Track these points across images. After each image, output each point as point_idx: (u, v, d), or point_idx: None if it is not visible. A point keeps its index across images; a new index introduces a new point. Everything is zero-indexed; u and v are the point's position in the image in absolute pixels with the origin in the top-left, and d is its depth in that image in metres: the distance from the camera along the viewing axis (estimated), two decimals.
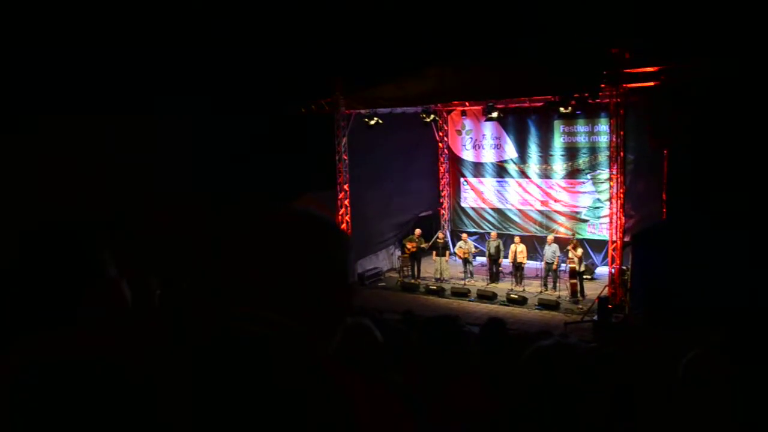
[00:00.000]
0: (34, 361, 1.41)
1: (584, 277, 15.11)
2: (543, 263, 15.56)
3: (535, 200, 18.22)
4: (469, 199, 19.60)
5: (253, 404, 1.06)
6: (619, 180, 13.75)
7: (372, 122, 15.81)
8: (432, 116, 16.62)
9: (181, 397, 1.10)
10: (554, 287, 15.27)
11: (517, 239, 16.20)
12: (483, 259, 17.28)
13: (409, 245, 16.94)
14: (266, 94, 17.39)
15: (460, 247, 16.75)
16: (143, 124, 16.13)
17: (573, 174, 17.46)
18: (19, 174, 13.54)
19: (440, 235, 17.36)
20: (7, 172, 13.37)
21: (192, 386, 1.10)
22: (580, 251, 14.84)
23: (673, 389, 2.66)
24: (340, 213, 16.45)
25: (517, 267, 15.78)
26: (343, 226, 16.33)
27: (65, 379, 1.37)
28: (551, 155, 17.73)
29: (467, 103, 17.55)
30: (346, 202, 16.53)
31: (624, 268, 13.73)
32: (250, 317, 1.16)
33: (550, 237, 15.74)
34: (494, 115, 15.29)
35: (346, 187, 16.55)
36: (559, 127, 17.46)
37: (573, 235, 16.15)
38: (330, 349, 1.21)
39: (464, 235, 17.35)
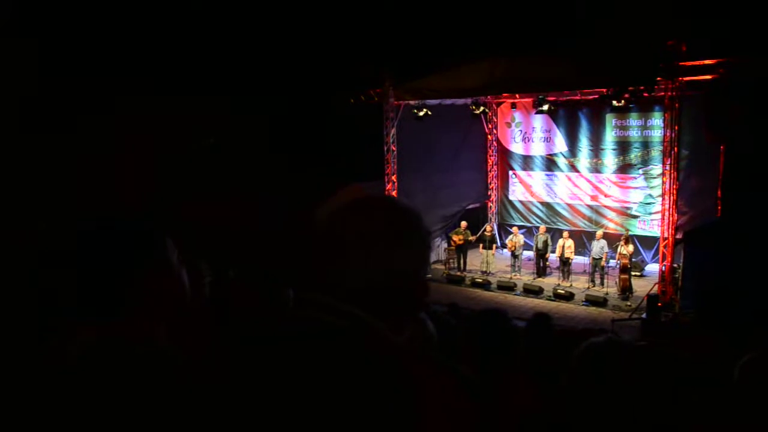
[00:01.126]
0: (95, 346, 1.46)
1: (632, 273, 14.84)
2: (590, 259, 15.34)
3: (584, 195, 17.95)
4: (517, 192, 19.42)
5: (324, 393, 1.07)
6: (672, 175, 13.43)
7: (421, 113, 15.77)
8: (481, 108, 16.49)
9: (247, 385, 1.13)
10: (602, 283, 15.04)
11: (565, 234, 16.02)
12: (530, 254, 17.14)
13: (455, 237, 16.89)
14: (316, 83, 17.52)
15: (511, 240, 16.64)
16: (187, 112, 16.41)
17: (624, 169, 17.13)
18: (61, 170, 13.95)
19: (488, 228, 17.26)
20: (51, 169, 13.79)
21: (259, 375, 1.12)
22: (631, 247, 14.59)
23: (728, 392, 2.60)
24: None
25: (564, 262, 15.59)
26: None
27: (124, 366, 1.41)
28: (602, 149, 17.43)
29: (517, 96, 17.35)
30: (394, 192, 16.55)
31: (675, 265, 13.43)
32: (322, 306, 1.17)
33: (599, 232, 15.50)
34: (545, 107, 15.07)
35: (393, 177, 16.58)
36: (611, 121, 17.14)
37: (626, 231, 15.87)
38: (401, 342, 1.21)
39: (515, 229, 17.22)
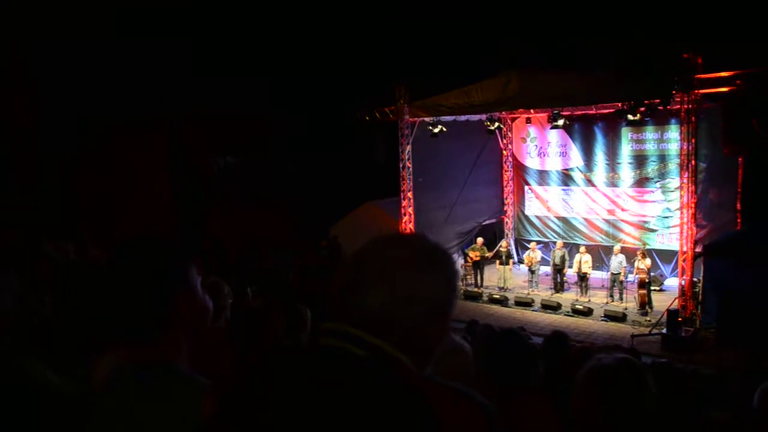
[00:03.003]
0: (121, 370, 1.48)
1: (652, 288, 14.68)
2: (609, 273, 15.21)
3: (601, 209, 17.83)
4: (533, 207, 19.34)
5: (343, 422, 1.08)
6: (690, 189, 13.29)
7: (436, 130, 15.80)
8: (496, 124, 16.47)
9: (269, 412, 1.14)
10: (621, 298, 14.89)
11: (582, 249, 15.91)
12: (547, 269, 17.02)
13: (471, 254, 16.84)
14: (332, 101, 17.67)
15: (528, 255, 16.57)
16: (210, 128, 16.61)
17: (641, 182, 17.01)
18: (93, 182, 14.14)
19: (503, 243, 17.19)
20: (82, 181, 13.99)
21: (282, 401, 1.14)
22: (648, 261, 14.45)
23: (747, 419, 2.56)
24: (404, 221, 16.50)
25: (582, 277, 15.46)
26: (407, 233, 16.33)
27: (149, 390, 1.43)
28: (618, 163, 17.33)
29: (532, 111, 17.33)
30: (410, 209, 16.56)
31: (695, 280, 13.27)
32: (342, 335, 1.18)
33: (617, 247, 15.38)
34: (560, 122, 15.03)
35: (409, 194, 16.58)
36: (626, 135, 17.04)
37: (642, 245, 15.74)
38: (425, 373, 1.21)
39: (533, 244, 17.11)
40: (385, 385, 1.11)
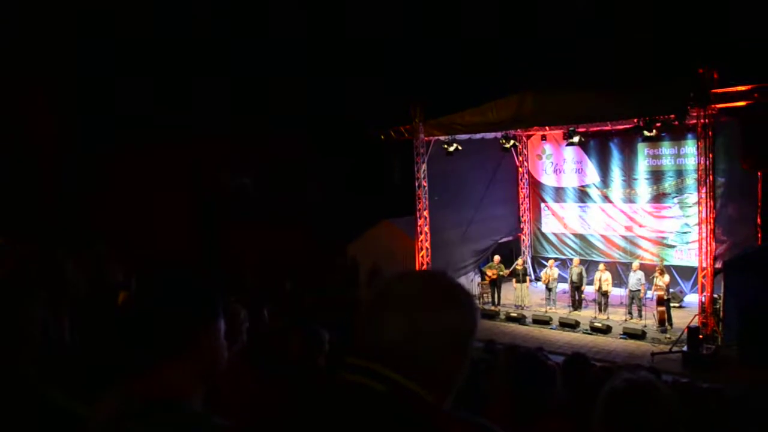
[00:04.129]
0: (133, 402, 1.48)
1: (672, 305, 14.51)
2: (627, 290, 15.06)
3: (618, 225, 17.71)
4: (550, 225, 19.25)
5: None
6: (708, 204, 13.14)
7: (451, 148, 15.81)
8: (511, 141, 16.46)
9: None
10: (639, 315, 14.72)
11: (601, 266, 15.74)
12: (565, 286, 16.89)
13: (488, 272, 16.77)
14: (348, 120, 17.77)
15: (545, 273, 16.45)
16: (227, 147, 16.74)
17: (658, 198, 16.89)
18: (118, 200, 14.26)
19: (519, 261, 17.09)
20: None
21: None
22: (667, 278, 14.30)
23: None
24: (420, 239, 16.47)
25: (603, 294, 15.29)
26: (423, 252, 16.33)
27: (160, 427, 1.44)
28: (635, 179, 17.23)
29: (547, 128, 17.29)
30: (426, 228, 16.54)
31: (716, 296, 13.10)
32: (363, 370, 1.19)
33: (636, 264, 15.22)
34: (575, 139, 14.98)
35: (425, 213, 16.56)
36: (643, 150, 16.96)
37: (661, 261, 15.58)
38: (444, 406, 1.22)
39: (550, 262, 16.99)
40: (405, 421, 1.12)
